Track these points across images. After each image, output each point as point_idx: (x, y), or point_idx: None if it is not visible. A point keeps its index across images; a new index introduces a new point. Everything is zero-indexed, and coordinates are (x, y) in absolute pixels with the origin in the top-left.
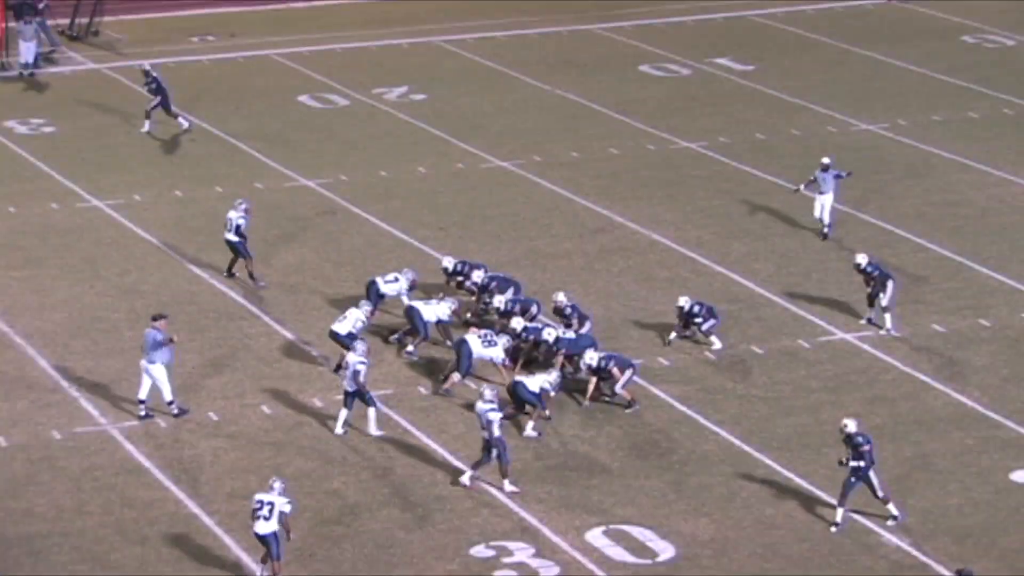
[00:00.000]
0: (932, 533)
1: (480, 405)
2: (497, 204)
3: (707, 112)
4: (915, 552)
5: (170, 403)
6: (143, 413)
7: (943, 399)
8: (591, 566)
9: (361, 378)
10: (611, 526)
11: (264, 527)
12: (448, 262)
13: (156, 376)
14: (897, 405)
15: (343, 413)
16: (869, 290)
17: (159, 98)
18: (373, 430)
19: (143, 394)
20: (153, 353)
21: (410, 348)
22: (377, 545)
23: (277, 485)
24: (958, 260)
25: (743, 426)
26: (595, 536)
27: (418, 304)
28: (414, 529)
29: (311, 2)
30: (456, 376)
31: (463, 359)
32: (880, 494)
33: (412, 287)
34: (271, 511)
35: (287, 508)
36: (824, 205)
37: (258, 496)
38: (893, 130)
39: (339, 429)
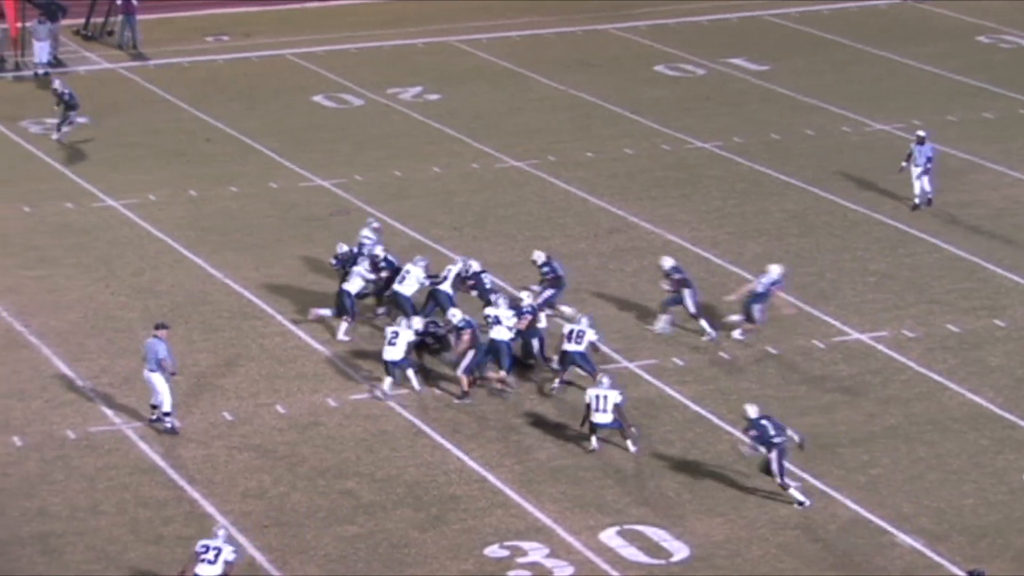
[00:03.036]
0: (947, 533)
1: (591, 391)
2: (511, 204)
3: (722, 112)
4: (929, 552)
5: (167, 414)
6: (155, 418)
7: (958, 399)
8: (605, 566)
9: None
10: (625, 526)
11: (208, 570)
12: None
13: (157, 386)
14: (911, 405)
15: (387, 380)
16: (669, 295)
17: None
18: (389, 389)
19: (155, 400)
20: (154, 363)
21: (380, 310)
22: (391, 545)
23: (221, 533)
24: (973, 260)
25: None
26: (609, 536)
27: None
28: (428, 529)
29: (325, 2)
30: (502, 373)
31: (503, 358)
32: (779, 480)
33: (429, 272)
34: (216, 556)
35: (231, 557)
36: (923, 177)
37: (203, 541)
38: (908, 130)
39: (386, 390)
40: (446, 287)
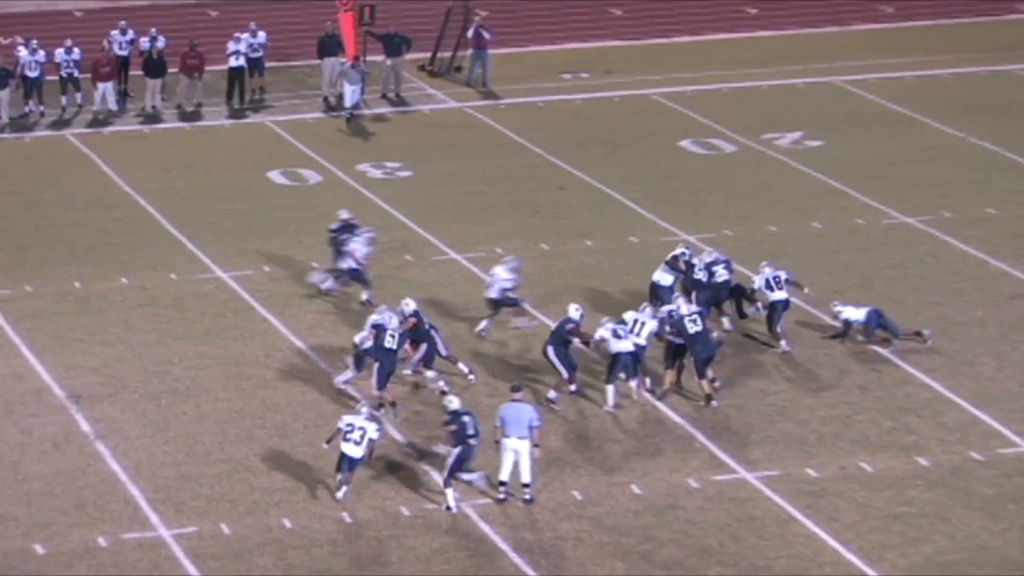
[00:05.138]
0: None
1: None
2: (901, 265)
3: None
4: None
5: (526, 486)
6: (502, 496)
7: None
8: None
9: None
10: None
11: (353, 450)
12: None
13: (521, 453)
14: None
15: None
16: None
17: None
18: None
19: (505, 475)
20: (514, 428)
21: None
22: None
23: (364, 410)
24: None
25: None
26: None
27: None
28: None
29: (696, 37)
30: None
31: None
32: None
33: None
34: (362, 436)
35: (376, 435)
36: None
37: (347, 419)
38: None
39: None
40: (665, 278)
